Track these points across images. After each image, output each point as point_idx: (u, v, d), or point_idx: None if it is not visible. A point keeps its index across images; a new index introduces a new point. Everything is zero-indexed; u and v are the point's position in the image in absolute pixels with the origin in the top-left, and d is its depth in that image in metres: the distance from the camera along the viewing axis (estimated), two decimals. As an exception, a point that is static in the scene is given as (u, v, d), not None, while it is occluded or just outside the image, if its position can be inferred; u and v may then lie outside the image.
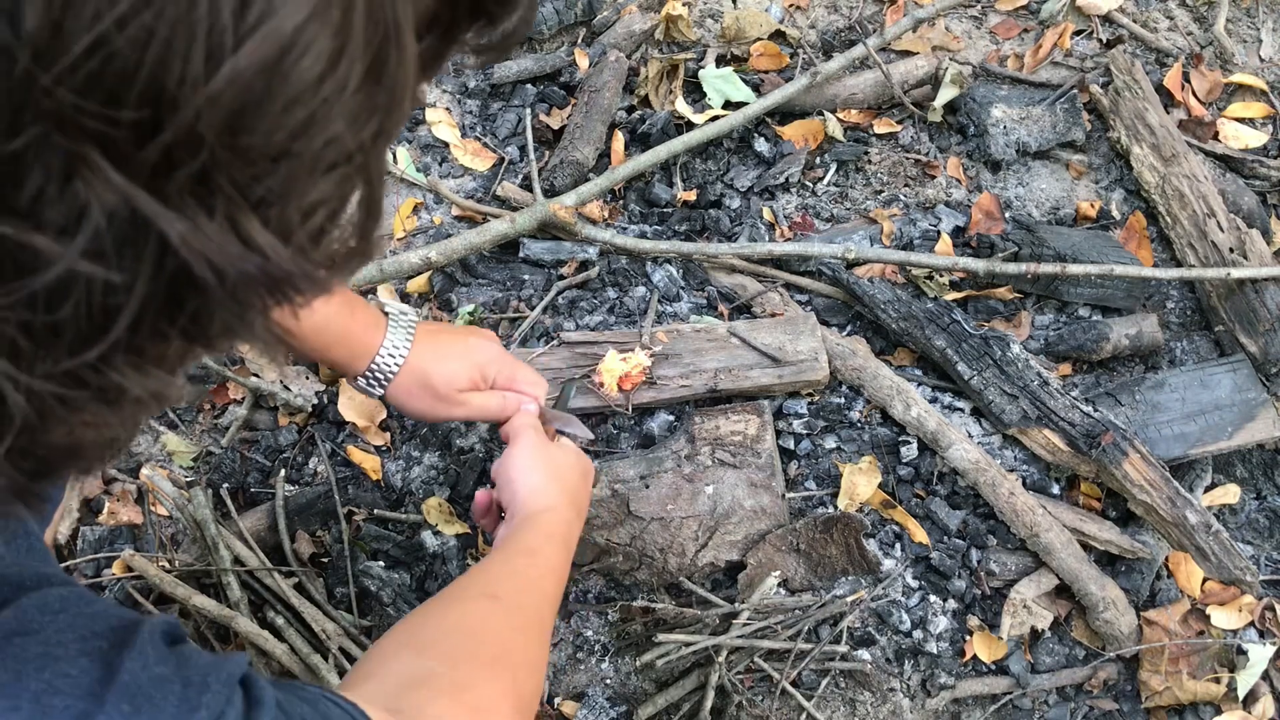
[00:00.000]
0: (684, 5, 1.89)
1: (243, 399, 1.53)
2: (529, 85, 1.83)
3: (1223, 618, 1.44)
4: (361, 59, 0.36)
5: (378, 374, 1.07)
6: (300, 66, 0.34)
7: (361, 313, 1.06)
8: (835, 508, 1.45)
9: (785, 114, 1.80)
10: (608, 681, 1.38)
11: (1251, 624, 1.45)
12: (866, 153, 1.78)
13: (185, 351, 0.41)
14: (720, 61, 1.86)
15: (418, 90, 0.45)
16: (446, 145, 1.78)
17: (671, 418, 1.49)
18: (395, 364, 1.06)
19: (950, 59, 1.85)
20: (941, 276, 1.63)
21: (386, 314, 1.09)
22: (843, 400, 1.52)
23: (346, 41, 0.35)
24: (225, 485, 1.47)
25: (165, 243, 0.35)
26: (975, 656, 1.41)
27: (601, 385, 1.44)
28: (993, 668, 1.42)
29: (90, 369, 0.38)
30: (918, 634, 1.41)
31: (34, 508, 0.44)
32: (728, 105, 1.79)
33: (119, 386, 0.39)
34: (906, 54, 1.87)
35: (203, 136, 0.33)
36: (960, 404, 1.55)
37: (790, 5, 1.96)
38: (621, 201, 1.73)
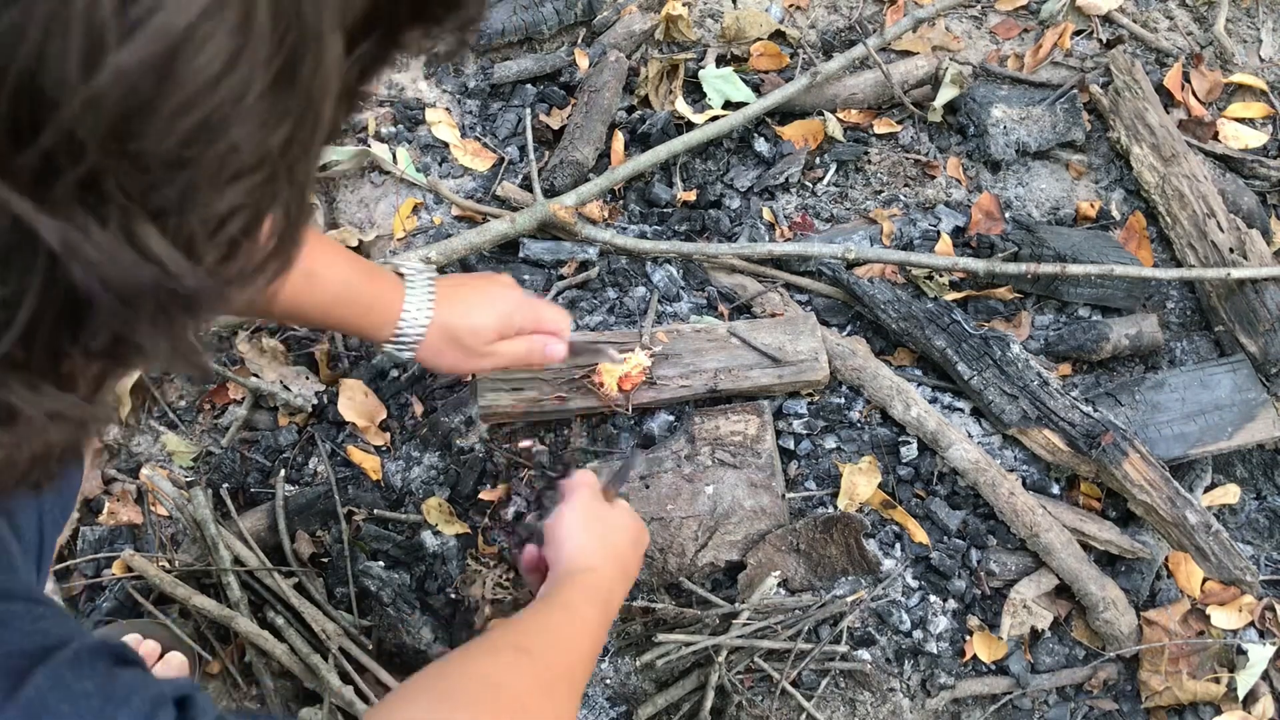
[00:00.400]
0: (684, 5, 1.89)
1: (243, 399, 1.53)
2: (529, 85, 1.83)
3: (1223, 618, 1.44)
4: (267, 61, 0.33)
5: (405, 337, 1.07)
6: (193, 67, 0.31)
7: (378, 278, 1.07)
8: (835, 508, 1.45)
9: (785, 114, 1.80)
10: (608, 681, 1.38)
11: (1251, 624, 1.45)
12: (866, 153, 1.78)
13: (102, 372, 0.39)
14: (720, 61, 1.86)
15: (361, 96, 0.42)
16: (446, 145, 1.78)
17: (671, 418, 1.49)
18: (421, 326, 1.07)
19: (950, 59, 1.85)
20: (941, 276, 1.63)
21: (402, 274, 1.09)
22: (843, 400, 1.52)
23: (247, 41, 0.32)
24: (225, 485, 1.47)
25: (55, 252, 0.32)
26: (975, 656, 1.41)
27: (601, 385, 1.43)
28: (993, 668, 1.42)
29: None
30: (918, 634, 1.41)
31: None
32: (728, 105, 1.79)
33: (9, 405, 0.36)
34: (906, 54, 1.87)
35: (84, 141, 0.31)
36: (960, 404, 1.55)
37: (790, 5, 1.96)
38: (621, 201, 1.73)
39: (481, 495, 1.45)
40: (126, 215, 0.33)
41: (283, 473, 1.46)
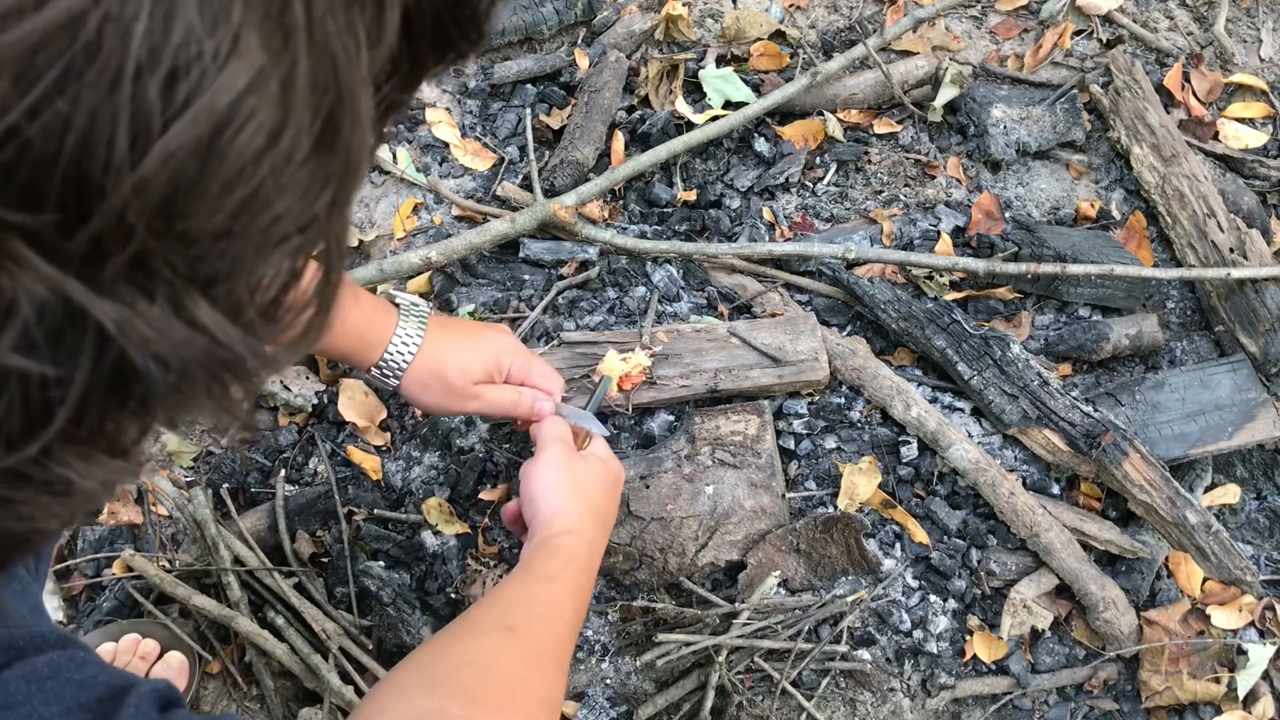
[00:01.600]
0: (684, 5, 1.89)
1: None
2: (529, 85, 1.83)
3: (1223, 618, 1.44)
4: (309, 129, 0.33)
5: (391, 365, 1.04)
6: (237, 144, 0.31)
7: (369, 304, 1.05)
8: (835, 508, 1.45)
9: (785, 114, 1.80)
10: (608, 681, 1.38)
11: (1251, 624, 1.45)
12: (866, 153, 1.78)
13: (142, 432, 0.39)
14: (720, 61, 1.86)
15: (384, 137, 0.42)
16: (446, 145, 1.78)
17: (671, 418, 1.49)
18: (409, 354, 1.04)
19: (950, 59, 1.85)
20: (941, 276, 1.63)
21: (397, 305, 1.07)
22: (843, 400, 1.52)
23: (289, 113, 0.32)
24: (225, 485, 1.47)
25: (104, 331, 0.32)
26: (975, 656, 1.41)
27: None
28: (993, 668, 1.42)
29: (33, 464, 0.35)
30: (918, 634, 1.41)
31: None
32: (728, 105, 1.79)
33: (65, 479, 0.37)
34: (906, 54, 1.87)
35: (133, 224, 0.31)
36: (960, 404, 1.55)
37: (790, 5, 1.96)
38: (621, 201, 1.73)
39: (481, 495, 1.45)
40: (174, 289, 0.33)
41: (283, 473, 1.46)
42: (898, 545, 1.45)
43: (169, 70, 0.30)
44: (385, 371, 1.05)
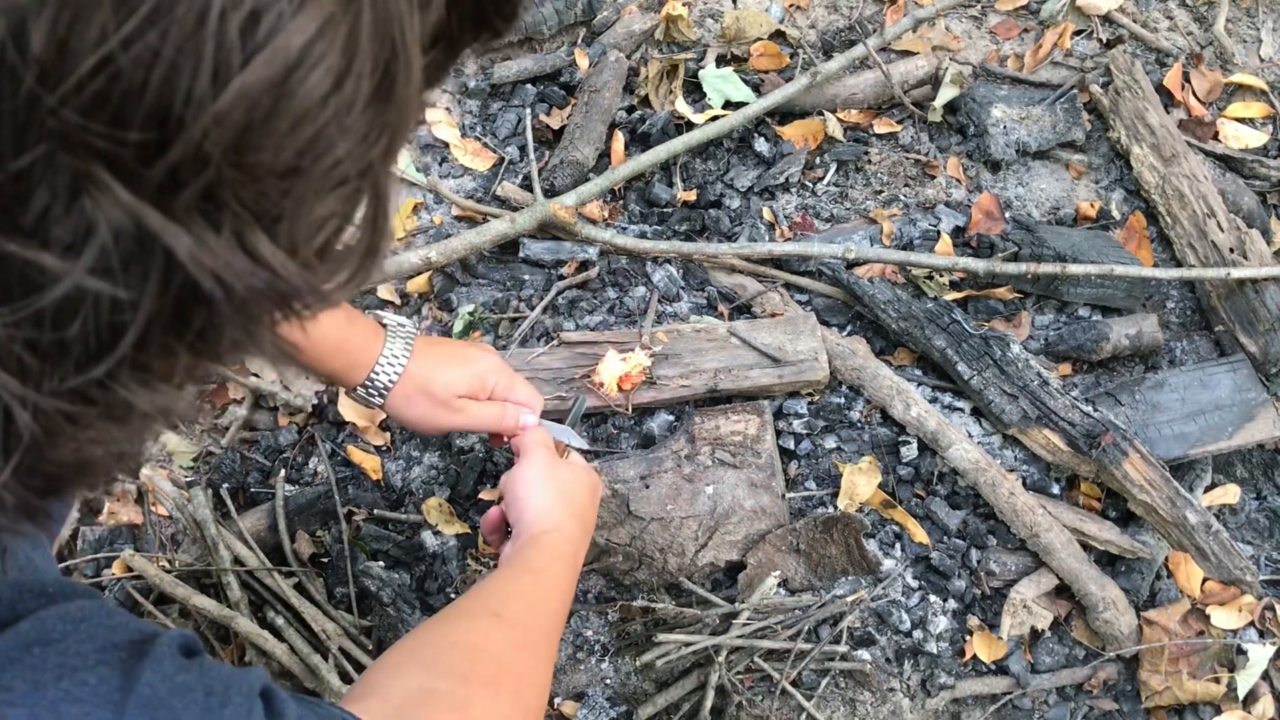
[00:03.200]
0: (684, 5, 1.89)
1: (243, 399, 1.53)
2: (529, 85, 1.83)
3: (1223, 618, 1.44)
4: (370, 76, 0.36)
5: (377, 383, 1.06)
6: (307, 84, 0.33)
7: (359, 323, 1.06)
8: (835, 508, 1.45)
9: (785, 114, 1.80)
10: (608, 681, 1.38)
11: (1251, 624, 1.45)
12: (866, 153, 1.78)
13: (193, 365, 0.41)
14: (720, 61, 1.86)
15: (423, 104, 0.45)
16: (446, 145, 1.78)
17: (671, 418, 1.49)
18: (395, 373, 1.05)
19: (950, 59, 1.86)
20: (941, 276, 1.63)
21: (384, 325, 1.08)
22: (843, 400, 1.52)
23: (353, 58, 0.35)
24: (225, 485, 1.47)
25: (172, 258, 0.35)
26: (975, 656, 1.41)
27: (601, 385, 1.44)
28: (993, 668, 1.42)
29: (97, 386, 0.38)
30: (918, 634, 1.41)
31: (41, 525, 0.44)
32: (728, 105, 1.79)
33: (126, 403, 0.39)
34: (906, 54, 1.87)
35: (209, 155, 0.33)
36: (960, 404, 1.55)
37: (790, 5, 1.96)
38: (621, 201, 1.73)
39: (481, 495, 1.45)
40: (239, 223, 0.35)
41: (283, 473, 1.46)
42: (898, 545, 1.45)
43: (250, 10, 0.32)
44: (370, 390, 1.06)
